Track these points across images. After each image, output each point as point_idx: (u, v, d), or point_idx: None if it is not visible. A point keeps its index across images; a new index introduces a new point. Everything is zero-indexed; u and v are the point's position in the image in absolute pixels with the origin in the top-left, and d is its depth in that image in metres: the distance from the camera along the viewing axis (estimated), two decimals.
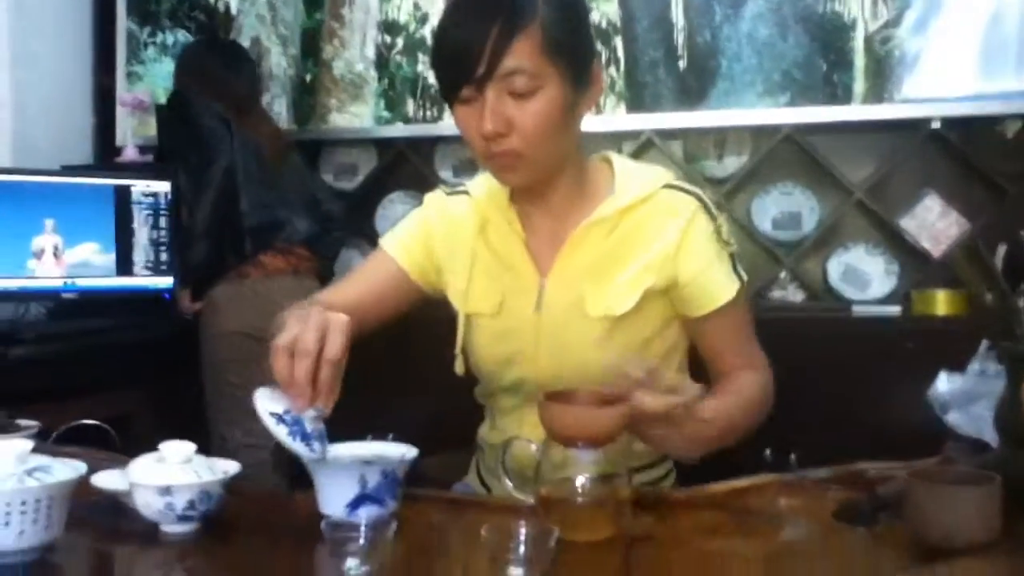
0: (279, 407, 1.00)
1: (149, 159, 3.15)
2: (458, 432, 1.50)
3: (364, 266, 1.41)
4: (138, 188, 2.76)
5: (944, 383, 1.26)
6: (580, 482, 0.99)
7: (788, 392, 1.32)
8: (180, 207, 2.71)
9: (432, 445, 1.17)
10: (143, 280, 2.77)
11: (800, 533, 1.08)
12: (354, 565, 0.87)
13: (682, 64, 2.89)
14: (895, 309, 2.71)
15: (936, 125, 2.70)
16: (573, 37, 1.18)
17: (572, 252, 1.26)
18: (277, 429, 0.99)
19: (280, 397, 1.01)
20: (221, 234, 2.55)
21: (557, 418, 1.02)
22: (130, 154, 3.21)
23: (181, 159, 2.62)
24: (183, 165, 2.62)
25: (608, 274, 1.25)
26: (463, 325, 1.32)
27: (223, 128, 2.57)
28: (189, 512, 1.00)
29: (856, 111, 2.76)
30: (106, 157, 3.33)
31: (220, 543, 1.02)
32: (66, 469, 0.96)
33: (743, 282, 1.28)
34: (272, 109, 3.19)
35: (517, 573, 0.84)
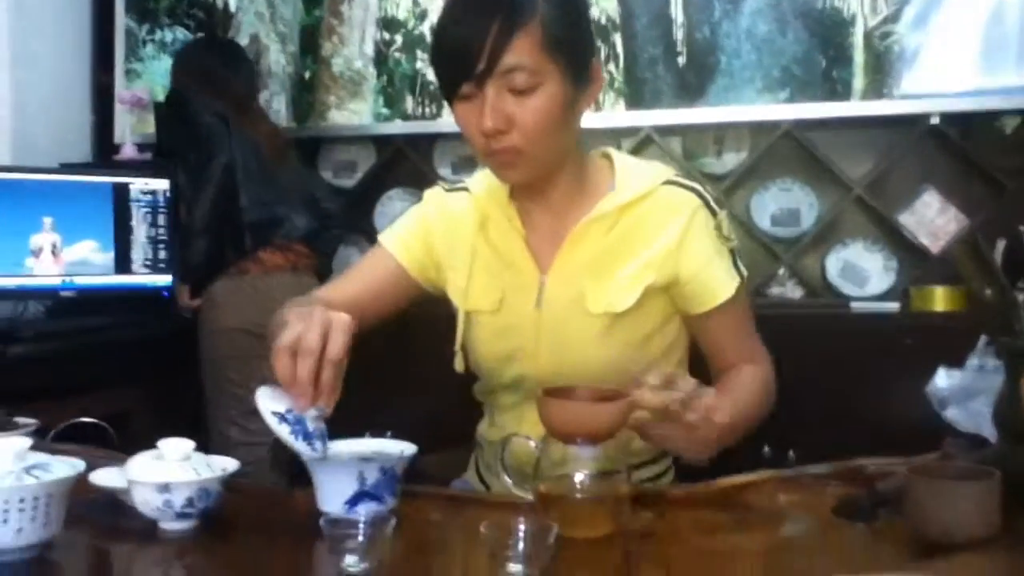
0: (281, 406, 1.00)
1: (148, 157, 3.15)
2: (457, 430, 1.49)
3: (363, 263, 1.40)
4: (136, 186, 2.76)
5: (943, 379, 1.26)
6: (579, 479, 0.99)
7: (787, 389, 1.32)
8: (179, 205, 2.71)
9: (431, 443, 1.17)
10: (141, 278, 2.77)
11: (799, 529, 1.08)
12: (353, 562, 0.87)
13: (681, 60, 2.89)
14: (894, 305, 2.71)
15: (935, 121, 2.70)
16: (573, 33, 1.18)
17: (572, 249, 1.26)
18: (279, 428, 0.99)
19: (282, 396, 1.01)
20: (220, 231, 2.55)
21: (556, 414, 1.02)
22: (128, 152, 3.21)
23: (180, 157, 2.62)
24: (182, 163, 2.61)
25: (608, 271, 1.25)
26: (462, 322, 1.32)
27: (222, 125, 2.57)
28: (187, 509, 1.00)
29: (855, 107, 2.75)
30: (104, 155, 3.33)
31: (219, 540, 1.02)
32: (64, 467, 0.96)
33: (743, 277, 1.28)
34: (271, 106, 3.19)
35: (516, 569, 0.84)
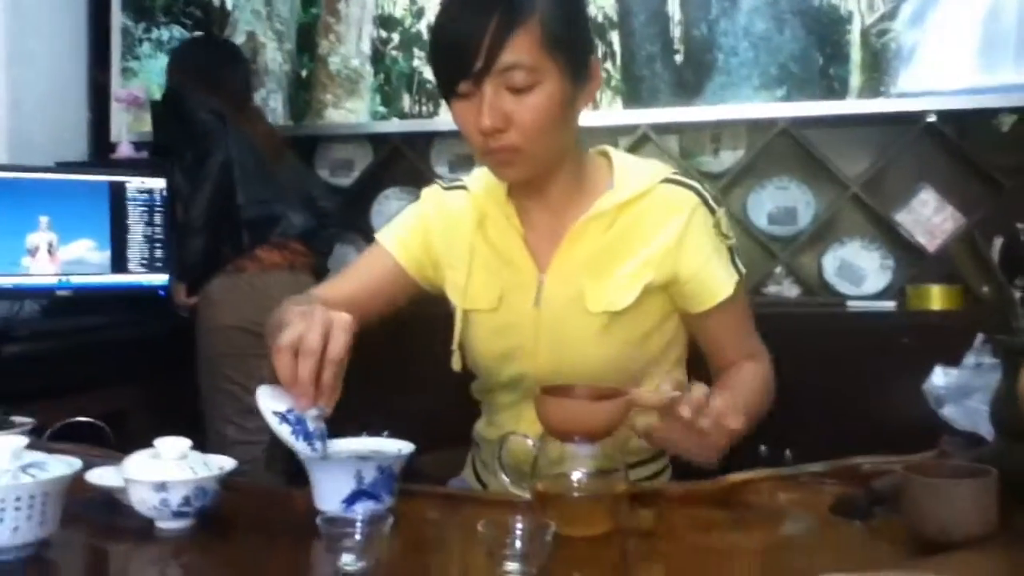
0: (282, 406, 1.00)
1: (144, 155, 3.14)
2: (454, 429, 1.49)
3: (360, 261, 1.40)
4: (133, 185, 2.76)
5: (939, 377, 1.26)
6: (577, 477, 0.99)
7: (783, 387, 1.32)
8: (175, 203, 2.71)
9: (428, 442, 1.17)
10: (138, 277, 2.77)
11: (796, 527, 1.08)
12: (350, 560, 0.87)
13: (678, 58, 2.89)
14: (890, 304, 2.71)
15: (932, 119, 2.70)
16: (572, 31, 1.18)
17: (571, 247, 1.26)
18: (280, 428, 0.99)
19: (282, 395, 1.00)
20: (217, 228, 2.55)
21: (554, 412, 1.02)
22: (125, 150, 3.20)
23: (177, 155, 2.62)
24: (178, 161, 2.61)
25: (607, 269, 1.24)
26: (460, 321, 1.32)
27: (219, 123, 2.56)
28: (184, 508, 0.99)
29: (852, 105, 2.75)
30: (101, 153, 3.32)
31: (215, 539, 1.01)
32: (61, 465, 0.95)
33: (741, 275, 1.28)
34: (268, 105, 3.18)
35: (514, 568, 0.84)
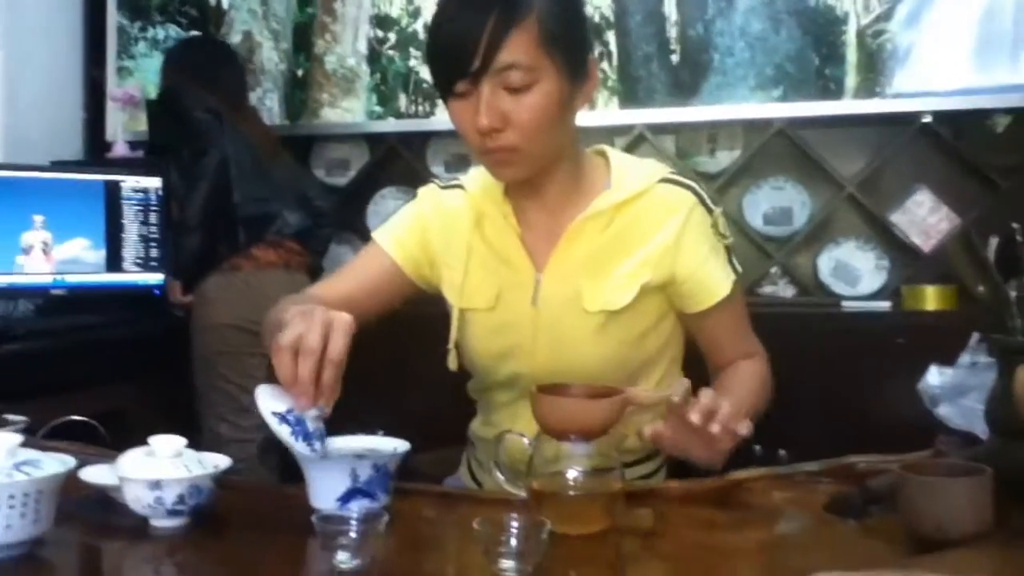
0: (281, 406, 0.99)
1: (139, 155, 3.13)
2: (449, 428, 1.49)
3: (357, 260, 1.40)
4: (128, 184, 2.75)
5: (935, 376, 1.26)
6: (572, 475, 0.99)
7: (778, 387, 1.33)
8: (170, 202, 2.70)
9: (423, 441, 1.17)
10: (133, 276, 2.76)
11: (792, 526, 1.08)
12: (345, 558, 0.87)
13: (675, 58, 2.89)
14: (885, 304, 2.71)
15: (927, 119, 2.71)
16: (569, 30, 1.17)
17: (568, 246, 1.25)
18: (280, 429, 0.99)
19: (281, 395, 1.00)
20: (213, 226, 2.54)
21: (550, 411, 1.02)
22: (120, 150, 3.20)
23: (173, 153, 2.61)
24: (174, 159, 2.60)
25: (605, 268, 1.24)
26: (457, 320, 1.32)
27: (215, 122, 2.56)
28: (179, 506, 0.99)
29: (848, 105, 2.75)
30: (96, 153, 3.31)
31: (210, 537, 1.01)
32: (55, 463, 0.95)
33: (738, 275, 1.29)
34: (264, 104, 3.18)
35: (509, 566, 0.84)
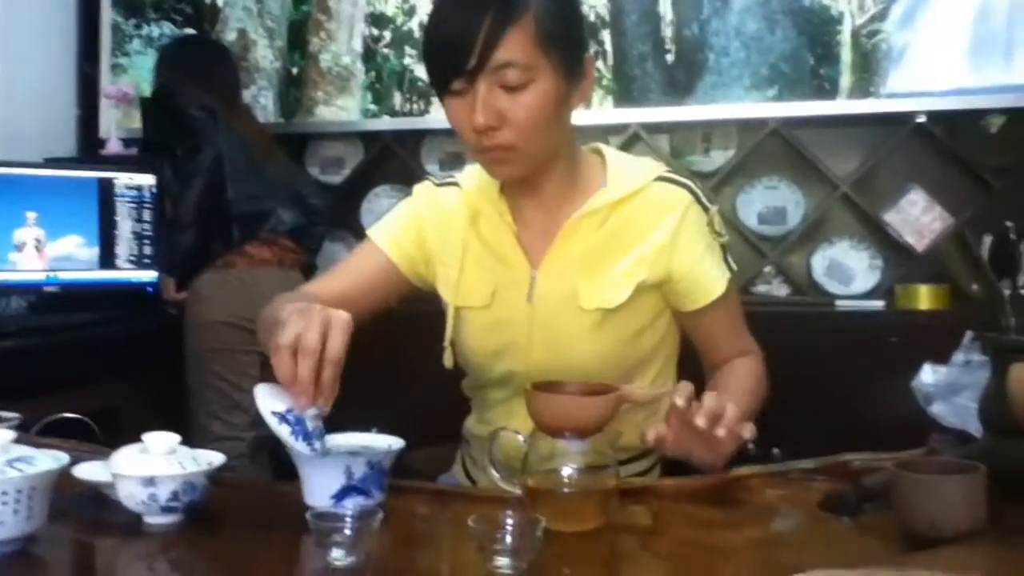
0: (281, 406, 0.99)
1: (133, 152, 3.13)
2: (443, 426, 1.49)
3: (352, 258, 1.39)
4: (121, 181, 2.74)
5: (928, 374, 1.26)
6: (567, 473, 0.99)
7: (772, 386, 1.33)
8: (164, 200, 2.70)
9: (418, 438, 1.17)
10: (126, 273, 2.75)
11: (786, 524, 1.08)
12: (340, 555, 0.87)
13: (670, 58, 2.89)
14: (879, 304, 2.72)
15: (921, 119, 2.71)
16: (566, 28, 1.17)
17: (564, 244, 1.25)
18: (280, 428, 0.99)
19: (280, 395, 1.00)
20: (207, 223, 2.54)
21: (544, 408, 1.02)
22: (114, 147, 3.19)
23: (167, 150, 2.61)
24: (168, 157, 2.60)
25: (600, 266, 1.24)
26: (452, 317, 1.32)
27: (209, 119, 2.55)
28: (173, 503, 0.99)
29: (842, 105, 2.76)
30: (90, 150, 3.30)
31: (204, 534, 1.01)
32: (48, 460, 0.95)
33: (733, 273, 1.29)
34: (258, 102, 3.17)
35: (504, 563, 0.84)
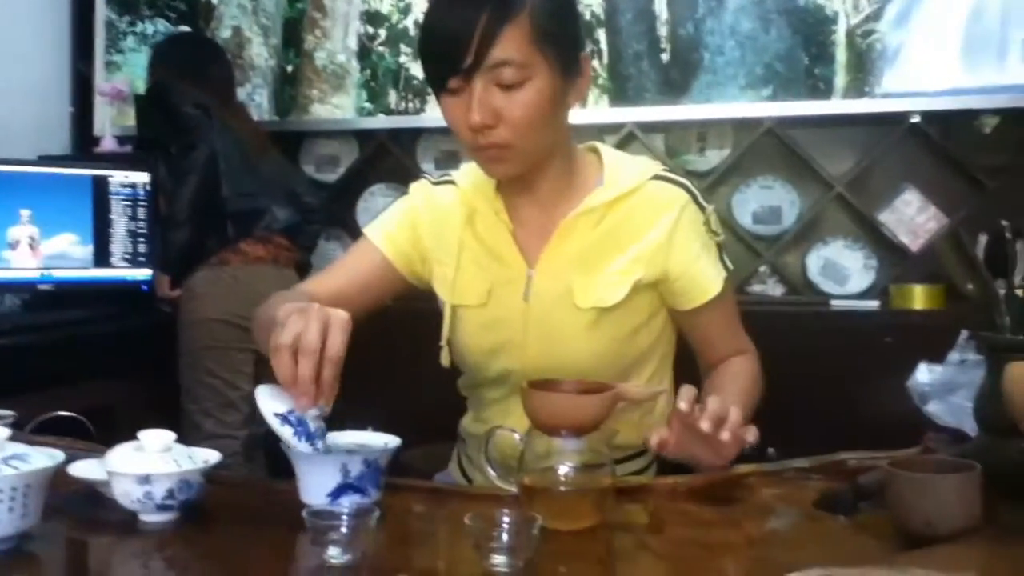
0: (283, 407, 0.99)
1: (127, 150, 3.12)
2: (440, 424, 1.49)
3: (348, 256, 1.39)
4: (116, 179, 2.74)
5: (924, 374, 1.27)
6: (563, 471, 0.99)
7: (768, 385, 1.33)
8: (158, 198, 2.69)
9: (413, 437, 1.17)
10: (121, 271, 2.75)
11: (782, 522, 1.08)
12: (336, 553, 0.86)
13: (665, 57, 2.90)
14: (873, 304, 2.73)
15: (916, 119, 2.72)
16: (562, 26, 1.17)
17: (560, 243, 1.25)
18: (283, 430, 0.99)
19: (281, 395, 1.00)
20: (202, 221, 2.53)
21: (541, 406, 1.02)
22: (108, 144, 3.18)
23: (161, 148, 2.60)
24: (163, 154, 2.59)
25: (597, 265, 1.24)
26: (449, 316, 1.31)
27: (203, 116, 2.55)
28: (168, 501, 0.99)
29: (837, 105, 2.76)
30: (84, 147, 3.30)
31: (200, 532, 1.01)
32: (43, 457, 0.94)
33: (729, 272, 1.29)
34: (253, 100, 3.17)
35: (500, 561, 0.84)
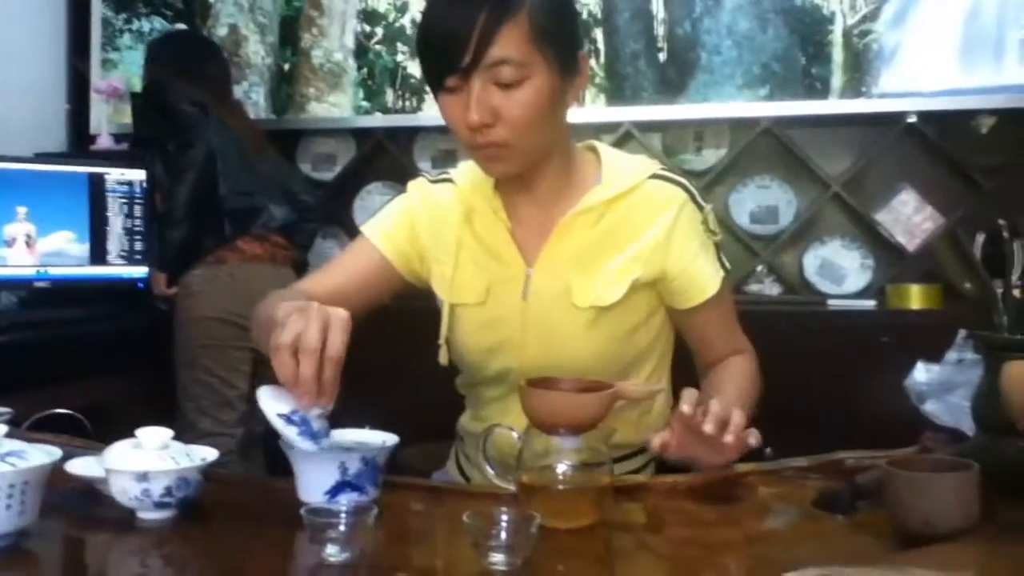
0: (285, 407, 0.99)
1: (124, 147, 3.12)
2: (438, 423, 1.49)
3: (346, 255, 1.39)
4: (112, 176, 2.73)
5: (921, 373, 1.27)
6: (562, 470, 0.99)
7: (765, 385, 1.33)
8: (155, 196, 2.69)
9: (411, 435, 1.17)
10: (117, 269, 2.75)
11: (780, 521, 1.08)
12: (334, 551, 0.86)
13: (662, 56, 2.90)
14: (870, 303, 2.73)
15: (912, 119, 2.73)
16: (561, 26, 1.17)
17: (559, 241, 1.25)
18: (287, 430, 0.98)
19: (283, 396, 0.99)
20: (199, 219, 2.53)
21: (539, 405, 1.02)
22: (104, 142, 3.18)
23: (158, 145, 2.60)
24: (160, 152, 2.59)
25: (595, 264, 1.24)
26: (447, 315, 1.31)
27: (200, 114, 2.55)
28: (166, 499, 0.98)
29: (834, 105, 2.77)
30: (80, 145, 3.29)
31: (198, 530, 1.00)
32: (41, 454, 0.94)
33: (727, 271, 1.29)
34: (250, 98, 3.16)
35: (498, 559, 0.84)
